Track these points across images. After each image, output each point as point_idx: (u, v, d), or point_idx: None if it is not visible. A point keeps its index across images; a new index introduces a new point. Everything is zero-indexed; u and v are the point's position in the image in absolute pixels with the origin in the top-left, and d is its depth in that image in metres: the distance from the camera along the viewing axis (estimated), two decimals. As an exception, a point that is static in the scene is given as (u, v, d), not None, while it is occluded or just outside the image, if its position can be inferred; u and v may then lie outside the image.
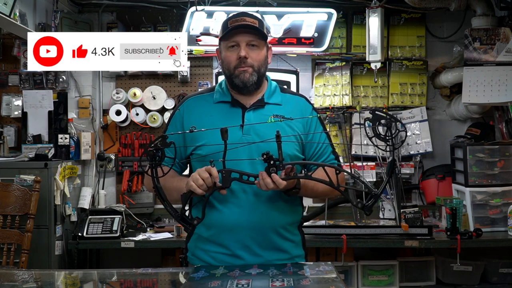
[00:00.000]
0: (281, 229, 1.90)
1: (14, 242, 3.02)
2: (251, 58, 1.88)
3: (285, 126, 1.92)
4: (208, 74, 4.12)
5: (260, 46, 1.91)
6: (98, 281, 1.85)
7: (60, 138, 3.68)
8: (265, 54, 1.94)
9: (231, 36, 1.88)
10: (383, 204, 3.88)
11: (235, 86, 1.92)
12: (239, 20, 1.88)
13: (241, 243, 1.85)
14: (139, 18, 4.06)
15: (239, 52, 1.87)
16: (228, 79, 1.94)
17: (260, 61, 1.91)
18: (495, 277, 3.55)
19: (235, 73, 1.89)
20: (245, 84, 1.89)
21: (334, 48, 4.06)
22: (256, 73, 1.90)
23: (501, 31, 3.58)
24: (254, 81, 1.90)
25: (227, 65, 1.92)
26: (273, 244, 1.88)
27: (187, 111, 1.97)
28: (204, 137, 1.88)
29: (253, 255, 1.86)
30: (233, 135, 1.85)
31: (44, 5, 3.78)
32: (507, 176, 3.58)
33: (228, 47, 1.91)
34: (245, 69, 1.88)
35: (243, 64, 1.88)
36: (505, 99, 3.56)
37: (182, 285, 1.66)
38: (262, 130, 1.88)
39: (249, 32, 1.88)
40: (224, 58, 1.93)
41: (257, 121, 1.91)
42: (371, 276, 3.61)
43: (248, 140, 1.86)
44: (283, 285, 1.53)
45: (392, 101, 4.06)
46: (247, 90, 1.92)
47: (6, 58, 4.00)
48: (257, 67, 1.90)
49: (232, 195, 1.85)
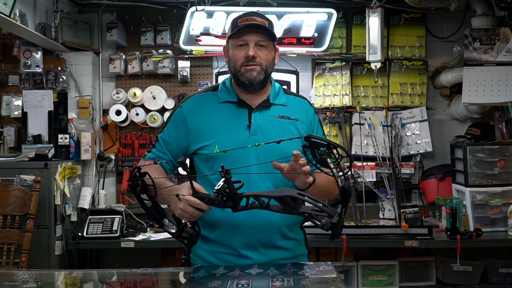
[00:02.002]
0: (285, 229, 1.91)
1: (14, 242, 3.02)
2: (260, 58, 1.87)
3: (292, 127, 1.93)
4: (208, 74, 4.12)
5: (268, 46, 1.90)
6: (98, 281, 1.84)
7: (60, 138, 3.68)
8: (273, 55, 1.93)
9: (240, 34, 1.87)
10: (383, 204, 3.88)
11: (241, 84, 1.91)
12: (249, 19, 1.87)
13: (247, 243, 1.85)
14: (139, 18, 4.07)
15: (247, 51, 1.86)
16: (234, 77, 1.93)
17: (268, 61, 1.90)
18: (495, 277, 3.55)
19: (241, 71, 1.88)
20: (251, 82, 1.88)
21: (334, 48, 4.06)
22: (264, 72, 1.89)
23: (501, 31, 3.58)
24: (261, 79, 1.89)
25: (234, 63, 1.90)
26: (277, 243, 1.89)
27: (190, 109, 1.95)
28: (212, 136, 1.88)
29: (258, 254, 1.86)
30: (241, 136, 1.86)
31: (44, 5, 3.78)
32: (507, 176, 3.58)
33: (237, 46, 1.89)
34: (253, 67, 1.87)
35: (251, 62, 1.86)
36: (505, 99, 3.56)
37: (182, 285, 1.65)
38: (269, 131, 1.88)
39: (259, 32, 1.87)
40: (232, 56, 1.91)
41: (263, 122, 1.90)
42: (371, 276, 3.61)
43: (256, 140, 1.86)
44: (283, 285, 1.52)
45: (392, 101, 4.06)
46: (252, 88, 1.90)
47: (6, 58, 4.00)
48: (265, 67, 1.89)
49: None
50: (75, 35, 3.93)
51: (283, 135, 1.88)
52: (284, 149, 1.89)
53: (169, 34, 4.06)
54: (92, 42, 4.06)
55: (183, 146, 1.94)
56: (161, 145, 1.96)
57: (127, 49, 4.11)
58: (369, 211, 3.91)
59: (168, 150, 1.95)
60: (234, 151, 1.82)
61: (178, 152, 1.95)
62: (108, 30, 3.99)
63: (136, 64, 4.03)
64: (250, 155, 1.85)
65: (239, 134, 1.87)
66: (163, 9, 4.05)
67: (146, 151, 2.05)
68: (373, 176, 3.92)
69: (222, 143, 1.86)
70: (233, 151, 1.83)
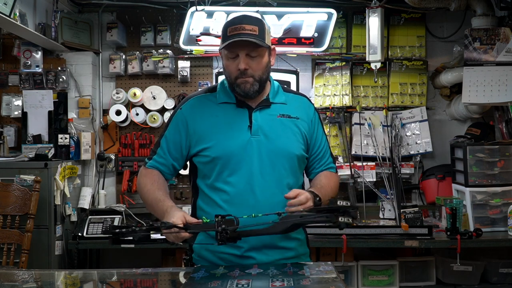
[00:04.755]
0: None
1: (14, 242, 3.02)
2: (252, 69, 1.85)
3: (292, 125, 1.93)
4: (208, 74, 4.12)
5: (260, 54, 1.86)
6: (98, 281, 1.85)
7: (60, 138, 3.68)
8: (267, 60, 1.90)
9: (230, 47, 1.84)
10: (383, 204, 3.88)
11: (236, 93, 1.92)
12: (238, 29, 1.81)
13: (251, 244, 1.85)
14: (139, 18, 4.07)
15: (239, 64, 1.84)
16: (230, 87, 1.92)
17: (261, 69, 1.87)
18: (495, 277, 3.54)
19: (237, 83, 1.87)
20: (246, 93, 1.88)
21: (334, 48, 4.06)
22: (258, 83, 1.87)
23: (501, 31, 3.58)
24: (255, 90, 1.88)
25: (228, 74, 1.89)
26: (280, 243, 1.89)
27: (191, 111, 1.95)
28: (213, 137, 1.88)
29: (262, 255, 1.86)
30: (242, 136, 1.86)
31: (44, 5, 3.78)
32: (507, 176, 3.58)
33: (229, 58, 1.87)
34: (246, 80, 1.85)
35: (244, 75, 1.85)
36: (505, 99, 3.56)
37: (182, 285, 1.65)
38: (270, 130, 1.88)
39: (248, 43, 1.82)
40: (225, 67, 1.90)
41: (264, 121, 1.90)
42: (371, 276, 3.61)
43: (257, 140, 1.86)
44: (283, 285, 1.52)
45: (392, 101, 4.06)
46: (249, 97, 1.91)
47: (6, 58, 4.00)
48: (258, 77, 1.87)
49: (240, 196, 1.85)
50: (75, 35, 3.93)
51: (284, 134, 1.89)
52: (286, 149, 1.90)
53: (169, 34, 4.06)
54: (92, 42, 4.06)
55: (185, 148, 1.94)
56: (163, 150, 1.95)
57: (127, 49, 4.11)
58: (369, 211, 3.91)
59: (170, 154, 1.95)
60: (236, 151, 1.83)
61: (181, 154, 1.95)
62: (108, 30, 3.99)
63: (136, 64, 4.02)
64: (253, 155, 1.85)
65: (240, 135, 1.87)
66: (163, 9, 4.05)
67: (146, 157, 2.03)
68: (373, 176, 3.92)
69: (223, 144, 1.86)
70: (235, 152, 1.84)
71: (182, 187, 4.06)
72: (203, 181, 1.92)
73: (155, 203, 1.86)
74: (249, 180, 1.85)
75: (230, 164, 1.85)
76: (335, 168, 2.06)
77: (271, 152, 1.82)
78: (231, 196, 1.85)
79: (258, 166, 1.85)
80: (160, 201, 1.84)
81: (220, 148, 1.86)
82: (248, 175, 1.85)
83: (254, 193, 1.84)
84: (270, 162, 1.86)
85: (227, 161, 1.85)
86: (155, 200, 1.86)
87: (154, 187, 1.89)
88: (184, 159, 1.96)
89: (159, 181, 1.92)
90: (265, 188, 1.85)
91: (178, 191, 4.05)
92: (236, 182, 1.85)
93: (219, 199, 1.86)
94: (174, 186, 4.03)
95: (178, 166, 1.97)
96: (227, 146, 1.86)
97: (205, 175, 1.91)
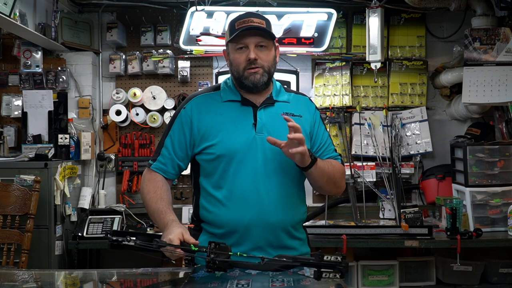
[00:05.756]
0: (291, 228, 1.92)
1: (14, 242, 3.02)
2: (261, 59, 1.87)
3: (297, 123, 1.93)
4: (208, 74, 4.12)
5: (268, 46, 1.90)
6: (98, 281, 1.84)
7: (60, 138, 3.68)
8: (274, 54, 1.93)
9: (239, 38, 1.86)
10: (383, 204, 3.88)
11: (244, 86, 1.92)
12: (247, 21, 1.86)
13: (255, 244, 1.86)
14: (139, 18, 4.07)
15: (248, 54, 1.86)
16: (237, 81, 1.93)
17: (269, 61, 1.90)
18: (495, 277, 3.55)
19: (245, 75, 1.88)
20: (255, 84, 1.89)
21: (334, 48, 4.06)
22: (267, 74, 1.90)
23: (501, 31, 3.58)
24: (265, 81, 1.90)
25: (236, 67, 1.90)
26: (284, 242, 1.90)
27: (195, 109, 1.95)
28: (217, 135, 1.88)
29: (265, 254, 1.84)
30: (247, 134, 1.86)
31: (44, 5, 3.78)
32: (507, 176, 3.58)
33: (237, 49, 1.89)
34: (256, 70, 1.87)
35: (253, 65, 1.87)
36: (505, 99, 3.56)
37: (182, 285, 1.65)
38: (275, 128, 1.89)
39: (257, 33, 1.86)
40: (233, 60, 1.91)
41: (268, 119, 1.91)
42: (371, 276, 3.61)
43: (262, 138, 1.87)
44: (283, 285, 1.53)
45: (392, 101, 4.06)
46: (257, 90, 1.91)
47: (6, 58, 4.00)
48: (267, 68, 1.89)
49: (244, 195, 1.85)
50: (75, 35, 3.93)
51: (289, 132, 1.89)
52: None
53: (169, 34, 4.06)
54: (92, 42, 4.06)
55: (190, 147, 1.94)
56: (167, 150, 1.95)
57: (127, 49, 4.11)
58: (369, 211, 3.91)
59: (175, 154, 1.95)
60: (241, 148, 1.84)
61: (186, 153, 1.95)
62: (108, 30, 3.99)
63: (136, 64, 4.03)
64: (257, 153, 1.86)
65: (245, 133, 1.88)
66: (163, 9, 4.05)
67: (150, 157, 2.04)
68: (373, 176, 3.92)
69: (227, 141, 1.87)
70: (240, 149, 1.85)
71: (182, 187, 4.06)
72: (206, 179, 1.92)
73: (156, 214, 1.87)
74: (253, 177, 1.86)
75: (235, 162, 1.86)
76: (341, 159, 2.04)
77: (276, 150, 1.82)
78: (234, 194, 1.85)
79: (262, 164, 1.86)
80: (162, 213, 1.85)
81: (225, 145, 1.87)
82: (253, 173, 1.85)
83: (258, 191, 1.85)
84: (274, 160, 1.86)
85: (232, 158, 1.86)
86: (157, 211, 1.87)
87: (157, 195, 1.90)
88: (189, 158, 1.96)
89: (162, 187, 1.92)
90: (269, 185, 1.85)
91: (178, 191, 4.05)
92: (240, 180, 1.86)
93: (222, 197, 1.87)
94: (174, 186, 4.02)
95: (184, 165, 1.98)
96: (231, 143, 1.86)
97: (208, 173, 1.91)
